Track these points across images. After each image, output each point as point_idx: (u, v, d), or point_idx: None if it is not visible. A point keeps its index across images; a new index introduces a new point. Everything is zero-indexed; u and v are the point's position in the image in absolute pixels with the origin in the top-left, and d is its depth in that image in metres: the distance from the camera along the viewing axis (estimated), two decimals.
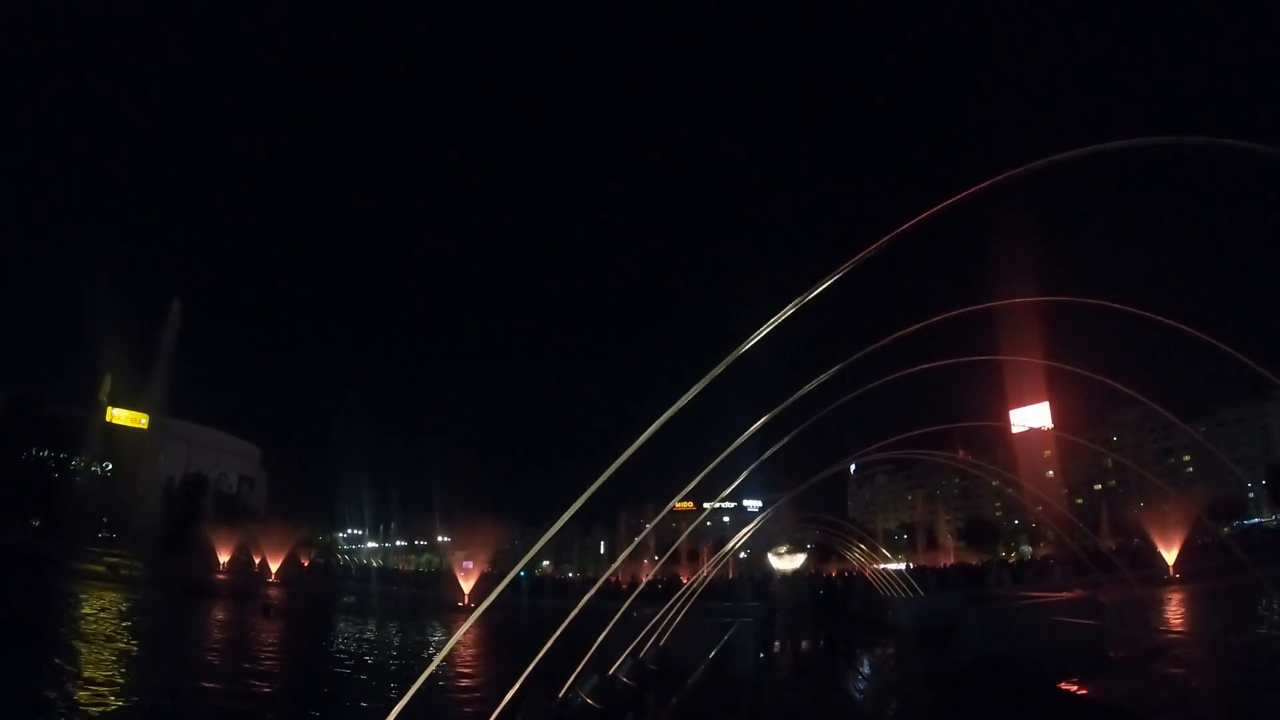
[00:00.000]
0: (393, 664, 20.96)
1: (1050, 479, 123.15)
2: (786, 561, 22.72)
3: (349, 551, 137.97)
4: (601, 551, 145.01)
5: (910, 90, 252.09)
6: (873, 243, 6.14)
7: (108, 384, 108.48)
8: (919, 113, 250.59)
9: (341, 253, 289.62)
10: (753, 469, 12.39)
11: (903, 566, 67.23)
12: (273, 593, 51.48)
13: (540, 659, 6.24)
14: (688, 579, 20.72)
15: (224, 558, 70.59)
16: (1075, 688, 13.18)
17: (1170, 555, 46.39)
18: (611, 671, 9.93)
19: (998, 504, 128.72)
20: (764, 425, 8.85)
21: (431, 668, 4.93)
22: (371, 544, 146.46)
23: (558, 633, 6.36)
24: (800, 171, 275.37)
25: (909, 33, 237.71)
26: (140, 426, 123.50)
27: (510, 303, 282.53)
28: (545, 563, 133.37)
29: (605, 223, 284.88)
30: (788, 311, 5.99)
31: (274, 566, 66.04)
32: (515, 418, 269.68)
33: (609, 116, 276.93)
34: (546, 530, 6.25)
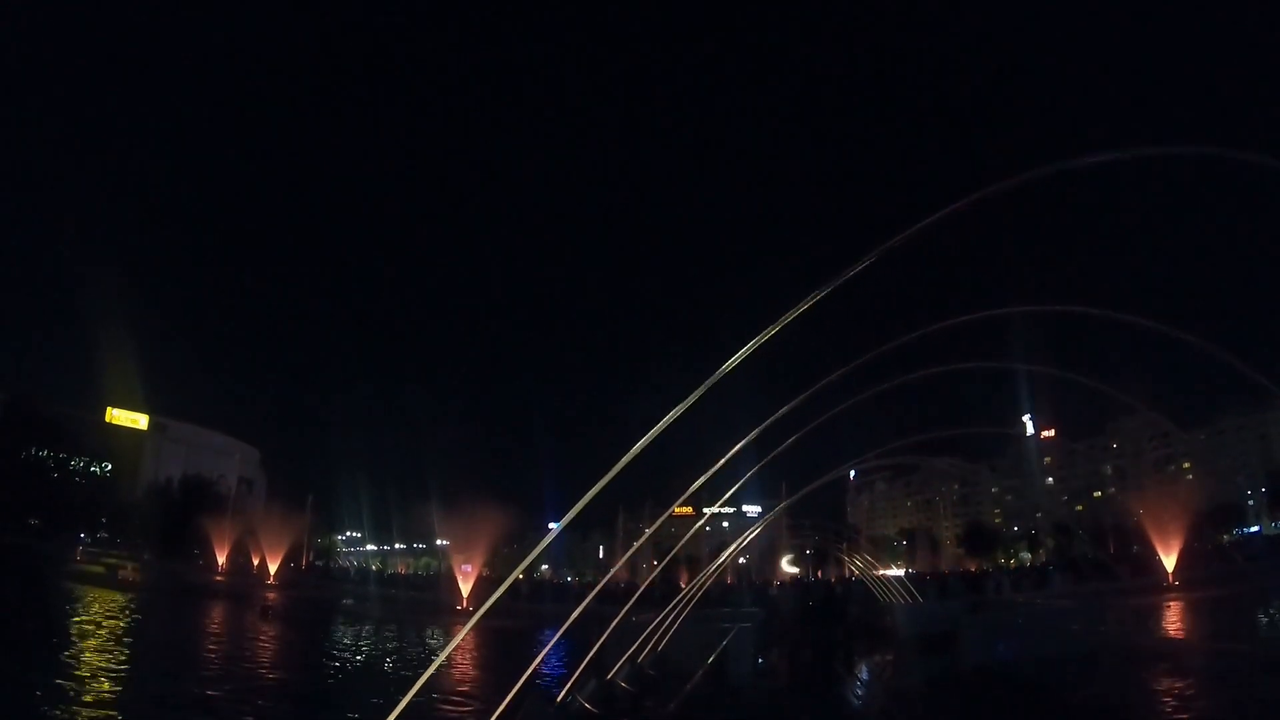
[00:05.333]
0: (391, 668, 20.91)
1: (1050, 486, 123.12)
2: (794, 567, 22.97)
3: (348, 554, 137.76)
4: (600, 556, 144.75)
5: (914, 94, 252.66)
6: (875, 247, 6.15)
7: (107, 385, 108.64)
8: (922, 117, 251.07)
9: (342, 256, 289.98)
10: (751, 475, 12.41)
11: (902, 573, 67.16)
12: (271, 595, 51.37)
13: (539, 663, 6.24)
14: (686, 584, 20.71)
15: (222, 559, 70.48)
16: (1075, 695, 13.16)
17: (1170, 562, 46.33)
18: (610, 676, 9.93)
19: (997, 510, 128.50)
20: (764, 430, 8.85)
21: (430, 671, 4.93)
22: (370, 546, 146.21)
23: (556, 636, 6.36)
24: (802, 176, 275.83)
25: (914, 36, 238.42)
26: (139, 427, 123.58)
27: (510, 307, 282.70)
28: (544, 567, 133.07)
29: (610, 221, 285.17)
30: (784, 320, 6.00)
31: (272, 568, 65.93)
32: (515, 420, 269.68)
33: (612, 113, 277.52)
34: (546, 534, 6.25)
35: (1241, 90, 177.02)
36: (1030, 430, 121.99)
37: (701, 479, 8.25)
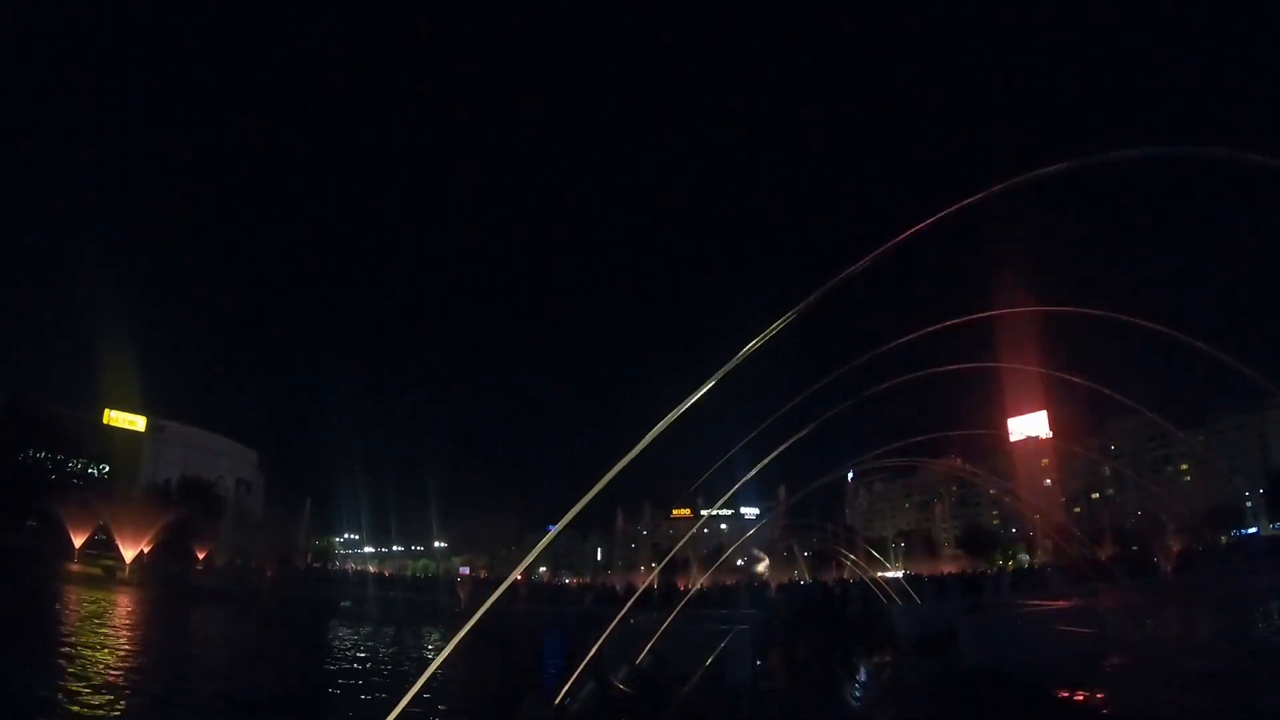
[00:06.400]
0: (389, 670, 20.88)
1: (1048, 487, 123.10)
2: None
3: (345, 556, 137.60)
4: (599, 557, 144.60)
5: (912, 97, 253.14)
6: (874, 248, 6.16)
7: (104, 386, 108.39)
8: (921, 119, 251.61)
9: (341, 257, 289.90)
10: (749, 477, 12.41)
11: (900, 574, 67.15)
12: (269, 597, 51.28)
13: (537, 664, 6.23)
14: (684, 586, 20.74)
15: (220, 561, 70.39)
16: (1073, 696, 13.17)
17: (1168, 563, 46.40)
18: (609, 678, 9.91)
19: (995, 512, 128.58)
20: (761, 432, 8.86)
21: (428, 673, 4.91)
22: (369, 549, 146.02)
23: (554, 637, 6.35)
24: (803, 175, 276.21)
25: (912, 39, 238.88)
26: (137, 429, 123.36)
27: (510, 311, 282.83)
28: (542, 569, 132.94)
29: (609, 223, 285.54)
30: (782, 323, 5.99)
31: (270, 570, 65.83)
32: (514, 422, 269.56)
33: (615, 113, 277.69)
34: (544, 535, 6.26)
35: (1243, 89, 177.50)
36: (1028, 431, 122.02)
37: (697, 483, 8.25)
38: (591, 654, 8.53)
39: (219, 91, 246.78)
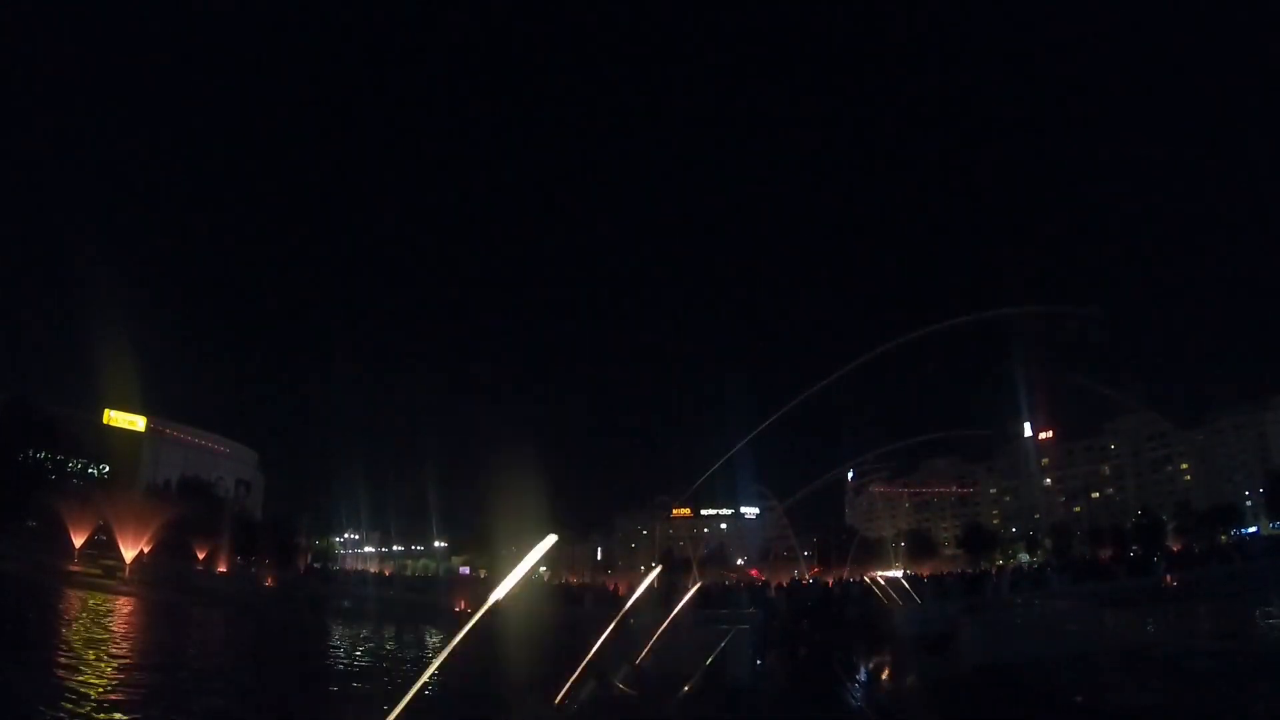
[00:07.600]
0: (389, 670, 20.90)
1: (1048, 487, 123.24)
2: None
3: (345, 556, 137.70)
4: (598, 557, 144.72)
5: (915, 100, 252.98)
6: (878, 241, 6.16)
7: (104, 387, 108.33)
8: (928, 116, 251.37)
9: (343, 259, 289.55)
10: (748, 477, 12.43)
11: (900, 574, 67.27)
12: (269, 597, 51.35)
13: (536, 665, 6.25)
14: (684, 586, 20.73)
15: (220, 562, 70.45)
16: (1073, 696, 13.19)
17: (1167, 563, 46.44)
18: (609, 678, 9.92)
19: (995, 512, 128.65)
20: (762, 432, 8.86)
21: (427, 674, 4.92)
22: (369, 549, 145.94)
23: (554, 639, 6.36)
24: (807, 174, 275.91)
25: (915, 51, 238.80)
26: (137, 429, 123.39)
27: (510, 312, 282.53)
28: (543, 569, 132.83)
29: (610, 221, 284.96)
30: (779, 322, 6.00)
31: (270, 571, 65.90)
32: (514, 423, 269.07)
33: (622, 110, 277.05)
34: (545, 535, 6.25)
35: (1245, 86, 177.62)
36: (1028, 431, 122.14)
37: (697, 482, 8.25)
38: (592, 654, 8.54)
39: (219, 90, 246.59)
